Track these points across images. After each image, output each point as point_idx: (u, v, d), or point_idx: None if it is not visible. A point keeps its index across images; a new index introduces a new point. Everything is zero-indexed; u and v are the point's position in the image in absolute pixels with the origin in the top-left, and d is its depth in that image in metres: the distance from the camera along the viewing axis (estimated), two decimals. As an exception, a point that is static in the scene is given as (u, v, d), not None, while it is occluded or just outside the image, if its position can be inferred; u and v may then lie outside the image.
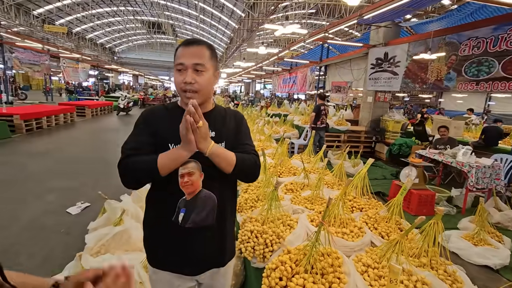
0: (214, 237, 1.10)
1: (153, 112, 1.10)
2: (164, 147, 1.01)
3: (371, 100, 7.86)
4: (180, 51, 1.02)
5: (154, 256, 1.13)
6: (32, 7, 24.96)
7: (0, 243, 2.56)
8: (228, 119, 1.15)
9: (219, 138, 1.08)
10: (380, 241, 1.76)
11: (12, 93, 15.78)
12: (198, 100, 0.98)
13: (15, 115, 7.56)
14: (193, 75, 0.99)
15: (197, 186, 1.03)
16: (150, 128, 1.04)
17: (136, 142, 1.03)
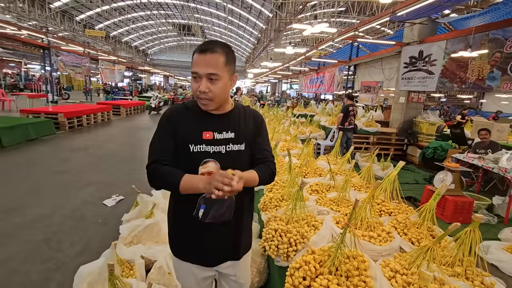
0: (230, 233, 1.16)
1: (174, 112, 1.12)
2: (184, 147, 1.06)
3: (403, 101, 7.50)
4: (195, 59, 1.03)
5: (176, 247, 1.20)
6: (75, 13, 27.00)
7: (44, 231, 2.82)
8: (248, 119, 1.18)
9: (238, 140, 1.12)
10: (410, 247, 1.69)
11: (57, 93, 17.15)
12: (213, 106, 1.06)
13: (60, 113, 8.23)
14: (207, 84, 1.01)
15: None
16: (172, 129, 1.08)
17: (162, 147, 1.07)
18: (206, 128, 1.07)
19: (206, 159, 1.06)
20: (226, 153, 1.09)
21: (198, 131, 1.06)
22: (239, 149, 1.12)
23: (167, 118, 1.10)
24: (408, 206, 2.28)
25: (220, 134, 1.09)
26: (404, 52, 7.28)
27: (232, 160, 1.10)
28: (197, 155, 1.06)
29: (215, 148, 1.07)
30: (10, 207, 3.27)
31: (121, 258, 1.93)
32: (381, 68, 9.36)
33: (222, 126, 1.10)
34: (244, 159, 1.15)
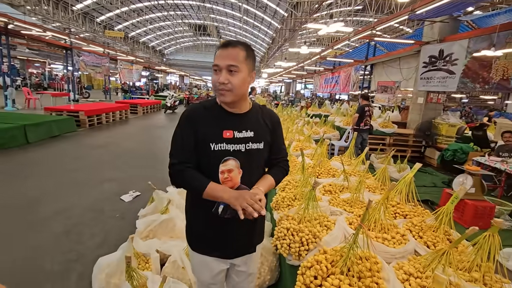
0: (246, 227, 1.20)
1: (194, 111, 1.14)
2: (205, 145, 1.09)
3: (422, 101, 7.29)
4: (217, 53, 1.08)
5: (194, 241, 1.24)
6: (96, 15, 27.91)
7: (66, 224, 2.95)
8: (265, 119, 1.21)
9: (257, 139, 1.16)
10: (425, 250, 1.65)
11: (78, 92, 17.81)
12: (230, 98, 1.08)
13: (80, 111, 8.56)
14: (227, 75, 1.05)
15: (236, 182, 1.13)
16: (193, 128, 1.10)
17: (185, 148, 1.11)
18: (227, 127, 1.11)
19: (227, 157, 1.10)
20: (245, 151, 1.13)
21: (218, 130, 1.10)
22: (258, 147, 1.16)
23: (188, 118, 1.12)
24: (424, 209, 2.23)
25: (240, 133, 1.12)
26: (424, 51, 7.07)
27: (251, 158, 1.15)
28: (218, 153, 1.09)
29: (235, 146, 1.11)
30: (35, 199, 3.44)
31: (138, 251, 2.00)
32: (399, 68, 9.13)
33: (242, 125, 1.13)
34: (262, 157, 1.21)
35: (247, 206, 0.98)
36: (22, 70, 25.21)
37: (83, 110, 8.61)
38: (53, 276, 2.15)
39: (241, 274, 1.31)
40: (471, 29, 7.53)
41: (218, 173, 1.11)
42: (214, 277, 1.25)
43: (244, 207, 0.99)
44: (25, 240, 2.61)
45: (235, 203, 1.01)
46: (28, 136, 6.08)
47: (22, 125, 6.00)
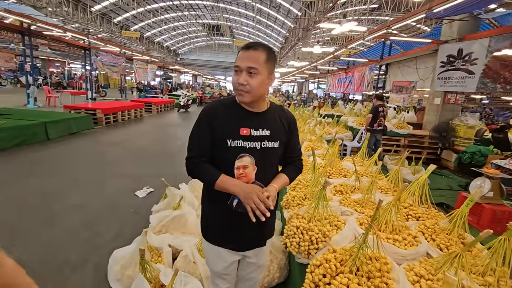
0: (258, 222, 1.23)
1: (213, 109, 1.19)
2: (222, 141, 1.14)
3: (439, 102, 7.09)
4: (239, 55, 1.13)
5: (209, 232, 1.30)
6: (113, 16, 28.64)
7: (83, 217, 3.07)
8: (282, 119, 1.25)
9: (273, 137, 1.20)
10: (438, 253, 1.62)
11: (95, 90, 18.36)
12: (248, 98, 1.13)
13: (98, 109, 8.83)
14: (246, 77, 1.09)
15: (250, 178, 1.17)
16: (210, 125, 1.16)
17: (201, 143, 1.17)
18: (244, 125, 1.15)
19: (242, 153, 1.15)
20: (261, 149, 1.17)
21: (236, 128, 1.14)
22: (273, 146, 1.20)
23: (207, 115, 1.17)
24: (438, 211, 2.18)
25: (256, 131, 1.16)
26: (441, 50, 6.87)
27: (266, 156, 1.19)
28: (234, 149, 1.14)
29: (251, 144, 1.15)
30: (55, 193, 3.59)
31: (151, 245, 2.06)
32: (415, 68, 8.90)
33: (259, 123, 1.18)
34: (276, 156, 1.25)
35: (255, 208, 1.06)
36: (43, 69, 26.22)
37: (100, 108, 8.88)
38: (72, 266, 2.25)
39: (251, 266, 1.37)
40: (493, 27, 7.26)
41: (233, 168, 1.15)
42: (227, 267, 1.30)
43: (253, 208, 1.06)
44: (45, 232, 2.73)
45: (244, 200, 1.08)
46: (48, 133, 6.34)
47: (43, 122, 6.26)
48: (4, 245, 2.44)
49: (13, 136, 5.52)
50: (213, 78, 50.80)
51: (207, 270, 1.92)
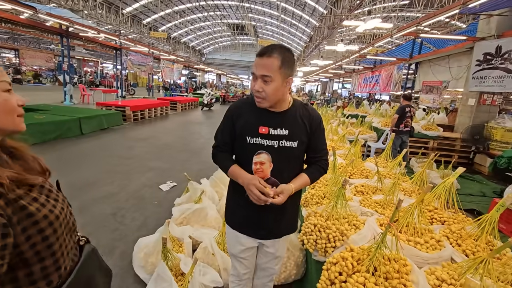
0: (273, 215, 1.32)
1: (237, 106, 1.30)
2: (242, 137, 1.23)
3: (473, 103, 6.67)
4: (255, 61, 1.18)
5: (230, 217, 1.41)
6: (143, 17, 29.83)
7: (112, 206, 3.26)
8: (303, 118, 1.27)
9: (291, 137, 1.23)
10: (463, 259, 1.56)
11: (125, 89, 19.26)
12: (265, 104, 1.19)
13: (127, 107, 9.28)
14: (261, 84, 1.14)
15: (266, 174, 1.23)
16: (233, 122, 1.26)
17: (223, 136, 1.31)
18: (263, 124, 1.21)
19: (260, 150, 1.21)
20: (278, 147, 1.21)
21: (255, 125, 1.21)
22: (291, 145, 1.23)
23: (230, 112, 1.29)
24: (466, 217, 2.08)
25: (275, 130, 1.21)
26: (477, 48, 6.45)
27: (282, 154, 1.23)
28: (252, 146, 1.21)
29: (268, 142, 1.21)
30: (87, 183, 3.85)
31: (173, 235, 2.15)
32: (448, 66, 8.43)
33: (278, 123, 1.22)
34: (295, 155, 1.27)
35: (252, 195, 1.16)
36: (79, 69, 27.97)
37: (129, 106, 9.33)
38: (101, 251, 2.40)
39: (268, 255, 1.44)
40: (538, 22, 6.68)
41: (251, 163, 1.22)
42: (244, 251, 1.39)
43: (249, 194, 1.17)
44: (78, 219, 2.94)
45: (246, 190, 1.19)
46: (82, 128, 6.77)
47: (77, 118, 6.70)
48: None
49: (51, 130, 5.97)
50: (236, 77, 51.32)
51: (225, 262, 1.98)
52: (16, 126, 0.73)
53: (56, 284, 0.71)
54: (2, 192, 0.62)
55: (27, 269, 0.66)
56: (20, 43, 28.61)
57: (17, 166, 0.73)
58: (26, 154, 0.79)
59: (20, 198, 0.66)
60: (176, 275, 1.83)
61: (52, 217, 0.70)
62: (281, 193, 1.19)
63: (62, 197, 0.82)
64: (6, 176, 0.64)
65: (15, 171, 0.69)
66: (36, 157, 0.83)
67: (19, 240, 0.64)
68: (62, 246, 0.74)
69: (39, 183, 0.74)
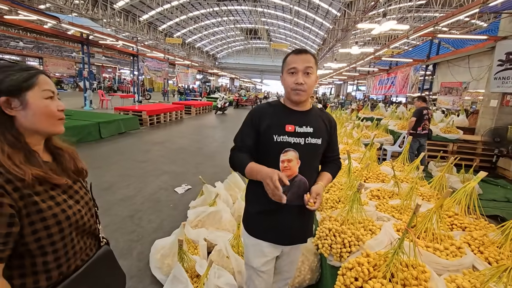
0: (300, 215, 1.30)
1: (260, 108, 1.32)
2: (269, 137, 1.24)
3: (495, 105, 6.41)
4: (292, 59, 1.23)
5: (252, 226, 1.35)
6: (159, 24, 30.65)
7: (129, 209, 3.36)
8: (323, 120, 1.34)
9: (316, 134, 1.27)
10: (486, 267, 1.50)
11: (141, 94, 19.80)
12: (305, 97, 1.24)
13: (143, 111, 9.53)
14: (303, 77, 1.21)
15: (294, 171, 1.24)
16: (255, 124, 1.27)
17: (243, 137, 1.30)
18: (289, 122, 1.24)
19: (287, 148, 1.22)
20: (304, 144, 1.24)
21: (282, 124, 1.24)
22: (316, 142, 1.27)
23: (253, 114, 1.30)
24: (488, 223, 2.00)
25: (300, 128, 1.25)
26: (499, 47, 6.21)
27: (309, 151, 1.26)
28: (280, 144, 1.22)
29: (295, 139, 1.23)
30: (106, 186, 3.98)
31: (188, 237, 2.19)
32: (468, 67, 8.15)
33: (303, 121, 1.27)
34: (318, 152, 1.32)
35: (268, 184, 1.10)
36: (98, 75, 29.00)
37: (145, 110, 9.58)
38: (119, 252, 2.48)
39: (285, 259, 1.44)
40: None
41: (279, 162, 1.23)
42: (266, 264, 1.35)
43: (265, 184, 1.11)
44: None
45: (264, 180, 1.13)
46: (101, 132, 7.02)
47: (97, 123, 6.94)
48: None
49: (72, 135, 6.21)
50: (249, 81, 51.65)
51: (239, 265, 1.99)
52: (55, 129, 0.82)
53: (55, 281, 0.75)
54: (19, 186, 0.69)
55: (32, 259, 0.72)
56: (43, 51, 30.06)
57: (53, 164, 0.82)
58: (65, 154, 0.89)
59: (36, 194, 0.72)
60: (191, 277, 1.86)
61: (62, 216, 0.75)
62: (318, 196, 1.19)
63: (87, 199, 0.87)
64: (31, 173, 0.71)
65: (42, 170, 0.75)
66: (74, 157, 0.92)
67: (25, 232, 0.69)
68: (67, 246, 0.78)
69: (64, 183, 0.80)
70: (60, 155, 0.87)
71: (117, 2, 22.38)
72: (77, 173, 0.90)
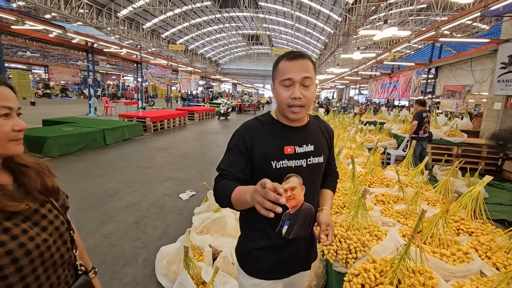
0: (306, 245, 1.16)
1: (248, 131, 1.05)
2: (266, 164, 1.01)
3: (499, 107, 6.38)
4: (286, 65, 0.98)
5: (251, 264, 1.13)
6: (162, 31, 31.06)
7: (135, 215, 3.38)
8: (322, 131, 1.17)
9: (317, 152, 1.10)
10: (494, 273, 1.49)
11: (145, 100, 19.97)
12: (303, 114, 1.03)
13: (147, 118, 9.62)
14: (301, 89, 0.97)
15: (299, 200, 1.06)
16: (246, 150, 1.01)
17: (231, 164, 1.01)
18: (288, 142, 1.04)
19: (289, 174, 1.03)
20: (307, 166, 1.06)
21: (279, 147, 1.03)
22: (318, 161, 1.10)
23: (242, 136, 1.04)
24: (495, 228, 1.98)
25: (300, 147, 1.05)
26: (502, 50, 6.21)
27: (313, 173, 1.09)
28: (279, 171, 1.01)
29: (296, 162, 1.04)
30: (111, 193, 4.01)
31: (193, 244, 2.20)
32: (470, 70, 8.14)
33: (302, 139, 1.07)
34: (322, 171, 1.16)
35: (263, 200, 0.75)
36: (102, 82, 29.37)
37: (149, 117, 9.67)
38: (125, 258, 2.49)
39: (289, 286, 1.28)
40: None
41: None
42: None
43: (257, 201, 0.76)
44: (104, 227, 3.07)
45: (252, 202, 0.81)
46: (106, 139, 7.08)
47: (102, 129, 7.02)
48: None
49: (78, 142, 6.29)
50: (252, 86, 51.90)
51: (245, 271, 1.99)
52: (7, 151, 0.69)
53: None
54: None
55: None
56: (49, 59, 30.57)
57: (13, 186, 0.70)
58: (30, 171, 0.74)
59: None
60: (197, 284, 1.87)
61: (19, 252, 0.62)
62: (329, 228, 1.04)
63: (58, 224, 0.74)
64: None
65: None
66: (43, 174, 0.77)
67: None
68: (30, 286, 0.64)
69: (25, 209, 0.67)
70: (24, 173, 0.73)
71: (121, 10, 22.75)
72: (46, 193, 0.75)
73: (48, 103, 19.03)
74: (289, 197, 1.03)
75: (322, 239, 1.02)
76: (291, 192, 1.03)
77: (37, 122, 8.15)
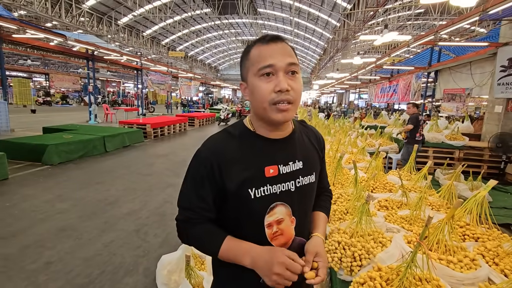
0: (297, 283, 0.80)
1: (215, 151, 0.77)
2: (241, 194, 0.75)
3: (500, 110, 6.38)
4: (261, 50, 0.74)
5: None
6: (161, 38, 31.33)
7: (135, 223, 3.34)
8: (311, 138, 0.93)
9: (307, 169, 0.85)
10: (502, 280, 1.45)
11: (145, 107, 20.02)
12: (292, 113, 0.76)
13: (147, 124, 9.62)
14: (287, 79, 0.73)
15: (289, 235, 0.81)
16: (214, 178, 0.76)
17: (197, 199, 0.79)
18: (269, 162, 0.78)
19: (273, 203, 0.78)
20: (296, 190, 0.82)
21: (259, 168, 0.77)
22: (310, 181, 0.86)
23: (207, 159, 0.77)
24: (502, 233, 1.95)
25: (286, 166, 0.80)
26: (501, 53, 6.23)
27: (304, 198, 0.85)
28: (260, 201, 0.76)
29: (282, 186, 0.79)
30: (111, 200, 3.98)
31: (195, 253, 2.16)
32: (470, 73, 8.16)
33: (288, 154, 0.82)
34: (314, 193, 0.92)
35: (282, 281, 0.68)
36: (102, 89, 29.52)
37: (149, 123, 9.68)
38: (126, 267, 2.46)
39: None
40: None
41: (263, 228, 0.77)
42: None
43: (276, 283, 0.68)
44: (104, 235, 3.03)
45: (266, 278, 0.70)
46: (106, 146, 7.07)
47: (102, 136, 7.01)
48: (71, 246, 2.76)
49: (78, 149, 6.27)
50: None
51: (247, 280, 1.95)
52: None
53: None
54: None
55: None
56: (50, 67, 30.79)
57: None
58: None
59: None
60: (199, 294, 1.83)
61: None
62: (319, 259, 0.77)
63: None
64: None
65: None
66: None
67: None
68: None
69: None
70: None
71: (121, 18, 22.98)
72: None
73: (48, 111, 19.09)
74: (275, 233, 0.79)
75: (307, 274, 0.73)
76: (277, 226, 0.78)
77: (38, 130, 8.16)
